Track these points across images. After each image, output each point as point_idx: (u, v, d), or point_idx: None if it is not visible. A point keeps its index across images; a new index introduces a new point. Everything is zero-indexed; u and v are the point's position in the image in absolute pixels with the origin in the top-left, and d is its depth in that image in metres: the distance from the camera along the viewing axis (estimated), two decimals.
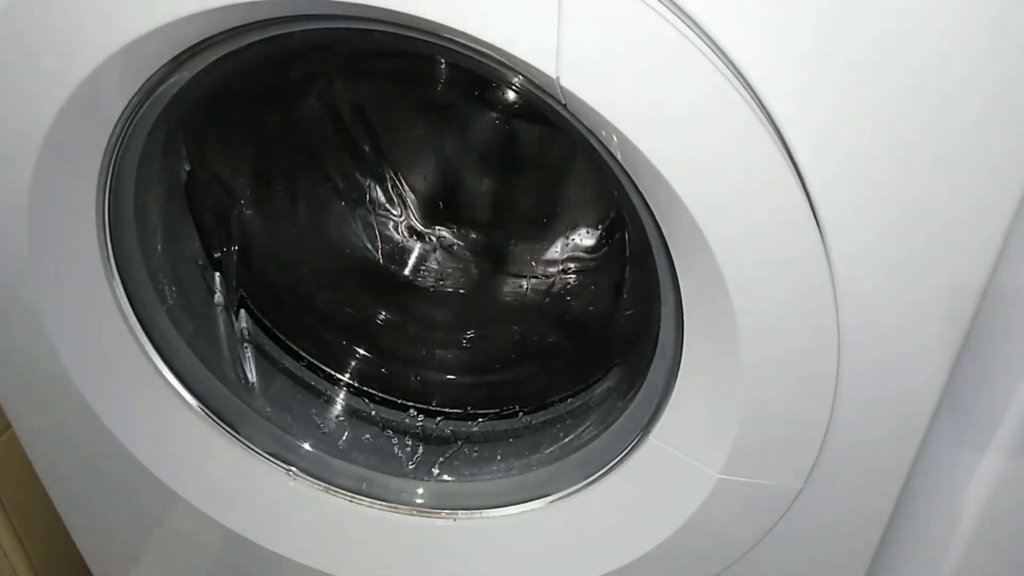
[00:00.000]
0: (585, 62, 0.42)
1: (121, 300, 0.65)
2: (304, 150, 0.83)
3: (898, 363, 0.50)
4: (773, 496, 0.56)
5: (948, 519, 0.57)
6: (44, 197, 0.57)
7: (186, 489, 0.71)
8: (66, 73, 0.51)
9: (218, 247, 0.75)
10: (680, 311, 0.53)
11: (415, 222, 0.89)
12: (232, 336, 0.75)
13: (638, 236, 0.56)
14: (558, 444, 0.71)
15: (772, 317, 0.48)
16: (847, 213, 0.45)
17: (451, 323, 0.88)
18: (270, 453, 0.72)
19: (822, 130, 0.43)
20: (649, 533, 0.60)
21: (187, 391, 0.70)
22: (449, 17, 0.43)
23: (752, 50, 0.42)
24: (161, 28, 0.48)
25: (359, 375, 0.81)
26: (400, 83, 0.83)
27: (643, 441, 0.60)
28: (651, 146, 0.44)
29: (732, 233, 0.46)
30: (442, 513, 0.71)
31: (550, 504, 0.67)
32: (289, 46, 0.56)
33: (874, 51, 0.41)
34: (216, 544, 0.74)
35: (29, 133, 0.53)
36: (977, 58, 0.40)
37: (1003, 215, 0.44)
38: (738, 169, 0.44)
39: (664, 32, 0.41)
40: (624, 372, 0.69)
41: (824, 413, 0.51)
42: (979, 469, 0.54)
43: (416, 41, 0.48)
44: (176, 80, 0.55)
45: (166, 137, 0.63)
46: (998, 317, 0.49)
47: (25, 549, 0.90)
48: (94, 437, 0.68)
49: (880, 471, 0.54)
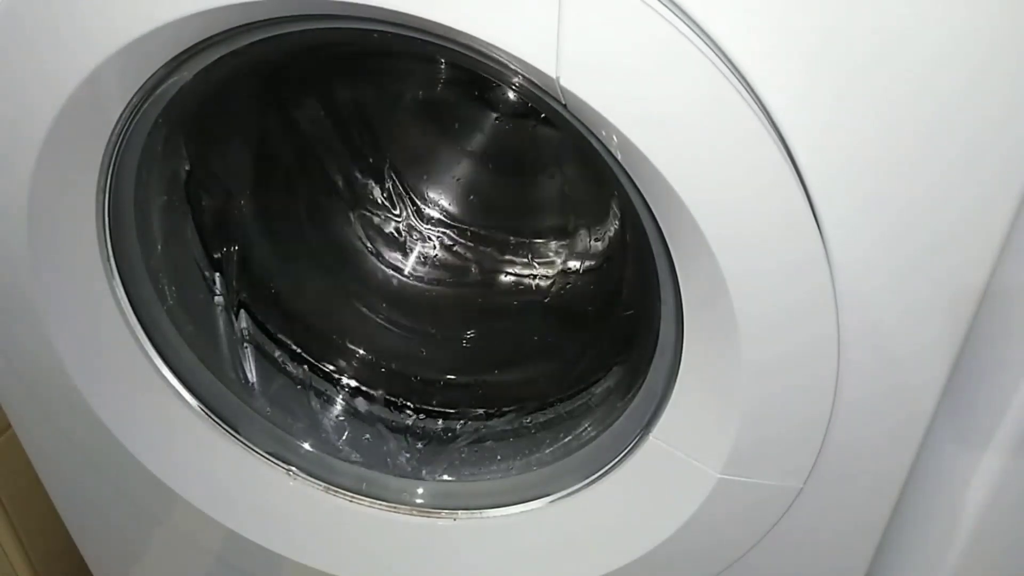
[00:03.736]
0: (585, 62, 0.42)
1: (121, 300, 0.65)
2: (304, 150, 0.83)
3: (898, 363, 0.50)
4: (773, 496, 0.56)
5: (948, 519, 0.57)
6: (44, 197, 0.57)
7: (186, 489, 0.70)
8: (66, 73, 0.51)
9: (218, 247, 0.75)
10: (680, 311, 0.53)
11: (415, 222, 0.89)
12: (232, 336, 0.75)
13: (638, 236, 0.56)
14: (558, 444, 0.71)
15: (772, 317, 0.48)
16: (847, 213, 0.45)
17: (451, 323, 0.88)
18: (270, 453, 0.72)
19: (822, 130, 0.43)
20: (649, 533, 0.60)
21: (187, 391, 0.70)
22: (449, 17, 0.43)
23: (753, 50, 0.42)
24: (161, 28, 0.48)
25: (359, 375, 0.81)
26: (400, 83, 0.83)
27: (643, 441, 0.60)
28: (651, 146, 0.44)
29: (732, 233, 0.46)
30: (442, 513, 0.71)
31: (550, 504, 0.67)
32: (289, 46, 0.56)
33: (875, 51, 0.41)
34: (216, 544, 0.74)
35: (29, 133, 0.53)
36: (977, 58, 0.40)
37: (1003, 215, 0.44)
38: (738, 169, 0.44)
39: (664, 32, 0.41)
40: (624, 372, 0.69)
41: (824, 413, 0.51)
42: (979, 469, 0.54)
43: (416, 41, 0.48)
44: (176, 80, 0.55)
45: (166, 137, 0.63)
46: (998, 317, 0.49)
47: (25, 549, 0.90)
48: (94, 437, 0.68)
49: (880, 471, 0.54)
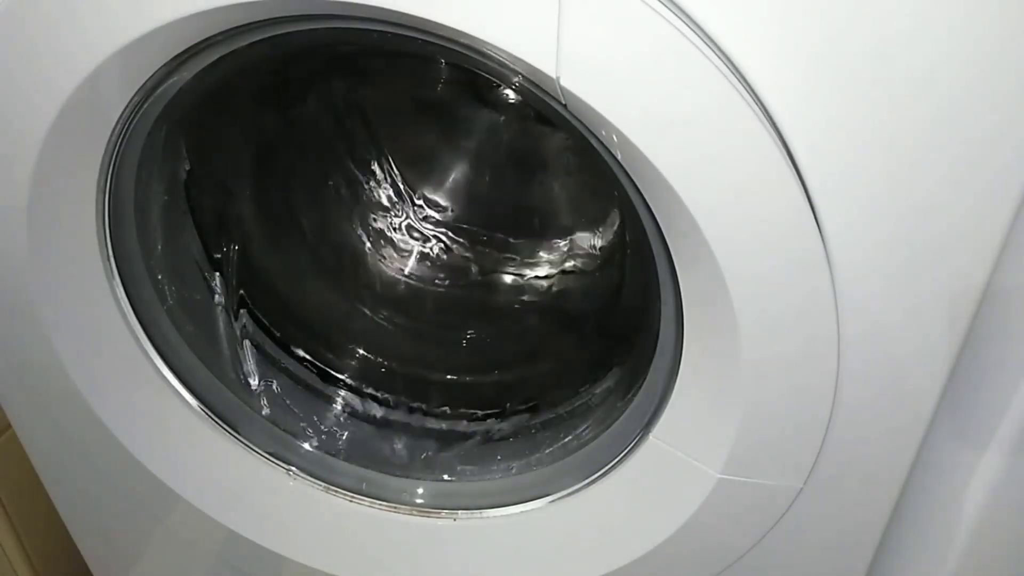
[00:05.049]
0: (585, 62, 0.42)
1: (121, 300, 0.65)
2: (304, 150, 0.83)
3: (898, 363, 0.50)
4: (773, 496, 0.56)
5: (948, 519, 0.57)
6: (44, 197, 0.57)
7: (186, 489, 0.70)
8: (66, 73, 0.51)
9: (218, 247, 0.75)
10: (680, 311, 0.53)
11: (415, 221, 0.89)
12: (232, 336, 0.75)
13: (638, 236, 0.56)
14: (558, 444, 0.71)
15: (772, 317, 0.48)
16: (847, 213, 0.45)
17: (451, 323, 0.88)
18: (270, 453, 0.72)
19: (823, 130, 0.43)
20: (649, 533, 0.60)
21: (187, 391, 0.70)
22: (449, 17, 0.43)
23: (753, 50, 0.42)
24: (161, 28, 0.48)
25: (359, 375, 0.81)
26: (400, 83, 0.83)
27: (643, 441, 0.60)
28: (651, 146, 0.44)
29: (732, 233, 0.46)
30: (442, 513, 0.71)
31: (550, 504, 0.67)
32: (289, 46, 0.56)
33: (875, 52, 0.41)
34: (216, 544, 0.74)
35: (29, 133, 0.53)
36: (977, 59, 0.40)
37: (1003, 215, 0.44)
38: (738, 169, 0.44)
39: (664, 32, 0.41)
40: (624, 372, 0.69)
41: (824, 413, 0.51)
42: (979, 469, 0.54)
43: (416, 41, 0.48)
44: (176, 80, 0.55)
45: (166, 137, 0.63)
46: (998, 317, 0.49)
47: (25, 549, 0.90)
48: (94, 437, 0.68)
49: (880, 471, 0.54)
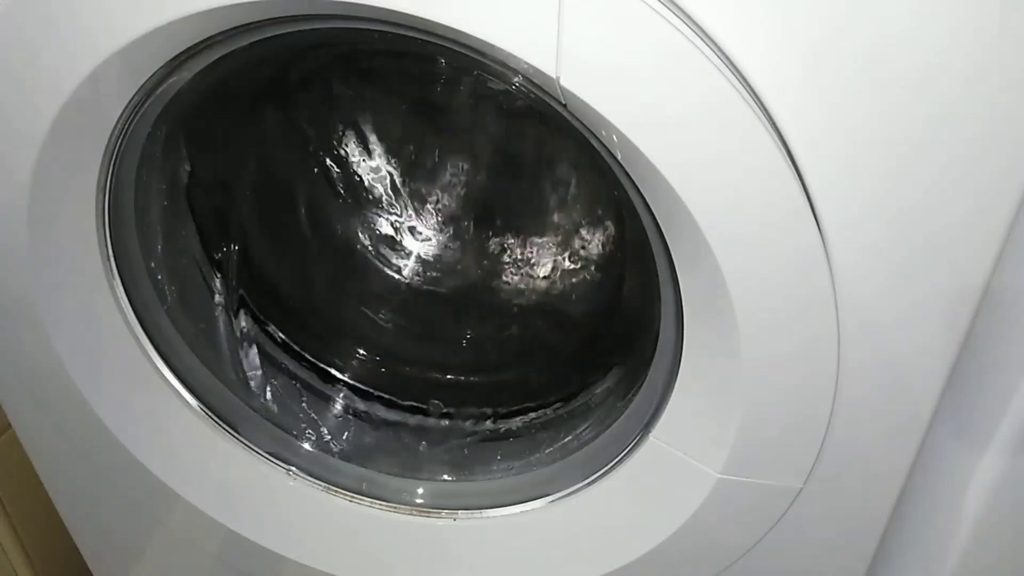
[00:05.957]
0: (585, 62, 0.42)
1: (121, 300, 0.65)
2: (304, 150, 0.83)
3: (898, 363, 0.50)
4: (773, 496, 0.56)
5: (948, 519, 0.57)
6: (44, 197, 0.57)
7: (186, 489, 0.70)
8: (66, 73, 0.51)
9: (218, 247, 0.75)
10: (680, 311, 0.53)
11: (415, 221, 0.89)
12: (232, 336, 0.75)
13: (638, 236, 0.56)
14: (558, 444, 0.71)
15: (772, 317, 0.48)
16: (847, 213, 0.45)
17: (450, 323, 0.88)
18: (270, 453, 0.72)
19: (822, 130, 0.43)
20: (649, 533, 0.60)
21: (187, 391, 0.70)
22: (449, 17, 0.43)
23: (753, 50, 0.42)
24: (161, 28, 0.48)
25: (359, 375, 0.81)
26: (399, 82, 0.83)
27: (643, 441, 0.60)
28: (651, 146, 0.44)
29: (732, 233, 0.46)
30: (442, 513, 0.71)
31: (550, 504, 0.67)
32: (289, 46, 0.56)
33: (875, 52, 0.41)
34: (216, 544, 0.74)
35: (29, 133, 0.53)
36: (977, 59, 0.40)
37: (1003, 215, 0.44)
38: (738, 169, 0.44)
39: (664, 32, 0.41)
40: (624, 372, 0.69)
41: (824, 413, 0.51)
42: (979, 469, 0.54)
43: (416, 41, 0.48)
44: (176, 80, 0.55)
45: (166, 137, 0.63)
46: (998, 317, 0.49)
47: (25, 549, 0.90)
48: (94, 437, 0.68)
49: (880, 471, 0.54)
